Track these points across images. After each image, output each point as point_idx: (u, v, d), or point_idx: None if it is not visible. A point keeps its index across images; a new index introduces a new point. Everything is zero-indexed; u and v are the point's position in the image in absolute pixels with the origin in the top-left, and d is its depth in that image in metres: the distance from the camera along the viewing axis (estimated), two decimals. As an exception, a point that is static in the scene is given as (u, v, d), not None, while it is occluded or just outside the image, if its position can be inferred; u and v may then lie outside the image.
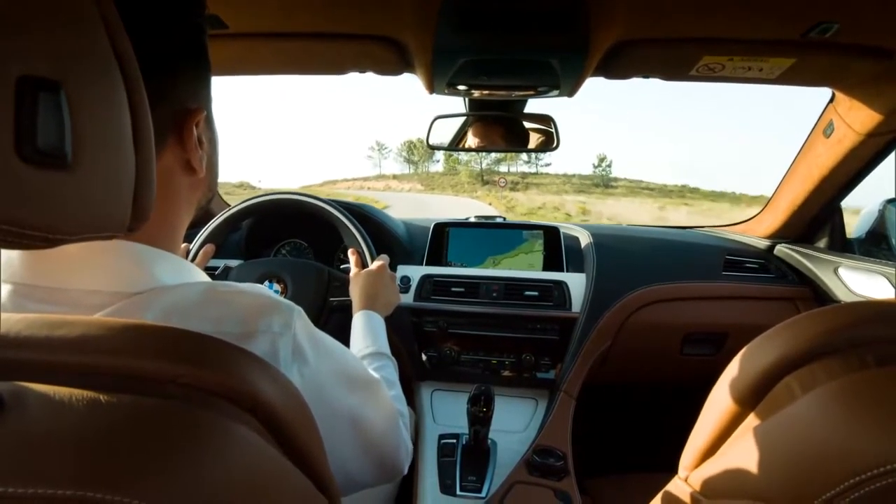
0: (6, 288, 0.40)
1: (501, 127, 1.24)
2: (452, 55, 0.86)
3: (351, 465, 0.54)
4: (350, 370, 0.54)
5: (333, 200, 1.11)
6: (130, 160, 0.30)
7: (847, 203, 1.28)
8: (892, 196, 1.20)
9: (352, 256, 1.01)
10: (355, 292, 0.92)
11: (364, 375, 0.57)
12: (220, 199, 1.53)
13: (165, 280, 0.42)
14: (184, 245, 1.02)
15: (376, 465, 0.58)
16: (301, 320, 0.47)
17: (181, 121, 0.44)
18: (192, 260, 0.99)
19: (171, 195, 0.46)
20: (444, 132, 1.25)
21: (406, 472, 0.66)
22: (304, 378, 0.45)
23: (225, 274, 1.06)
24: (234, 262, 1.11)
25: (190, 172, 0.47)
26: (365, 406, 0.55)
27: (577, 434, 1.09)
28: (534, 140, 1.23)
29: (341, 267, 1.11)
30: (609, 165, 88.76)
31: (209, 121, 0.49)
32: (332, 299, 1.03)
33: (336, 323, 0.82)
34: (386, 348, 0.81)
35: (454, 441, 1.05)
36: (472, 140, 1.26)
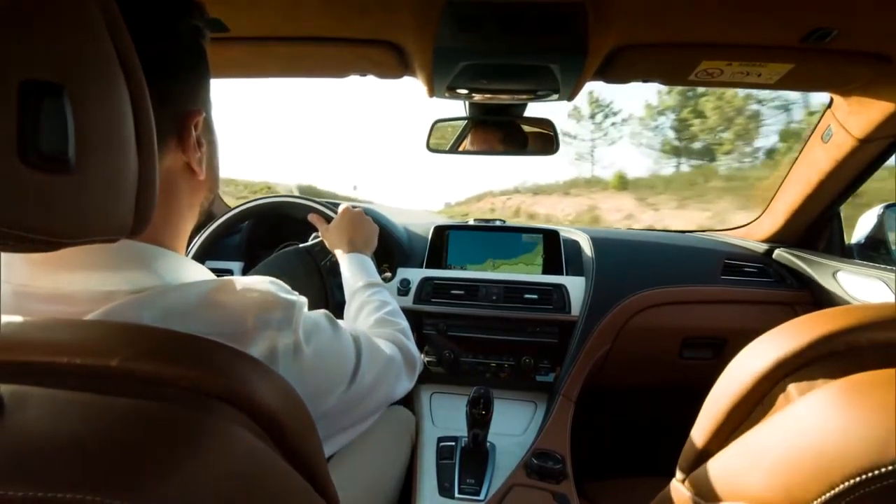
0: (8, 289, 0.40)
1: (502, 130, 1.24)
2: (452, 59, 0.87)
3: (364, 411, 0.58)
4: (351, 359, 0.55)
5: (329, 202, 1.11)
6: (133, 163, 0.30)
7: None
8: (891, 202, 1.20)
9: (313, 220, 1.02)
10: (332, 243, 0.94)
11: (365, 358, 0.58)
12: (220, 201, 1.54)
13: (168, 279, 0.42)
14: None
15: (385, 400, 0.63)
16: (303, 314, 0.47)
17: (181, 123, 0.45)
18: None
19: (173, 198, 0.46)
20: (444, 136, 1.25)
21: (413, 384, 0.71)
22: (304, 373, 0.46)
23: None
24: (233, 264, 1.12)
25: (191, 175, 0.47)
26: (368, 386, 0.57)
27: (576, 437, 1.09)
28: (534, 143, 1.23)
29: (310, 241, 1.11)
30: None
31: (208, 123, 0.49)
32: (321, 263, 1.04)
33: (338, 278, 0.84)
34: (376, 277, 0.84)
35: (453, 444, 1.04)
36: (472, 144, 1.26)
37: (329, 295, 1.03)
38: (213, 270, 1.13)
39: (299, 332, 0.46)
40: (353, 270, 0.85)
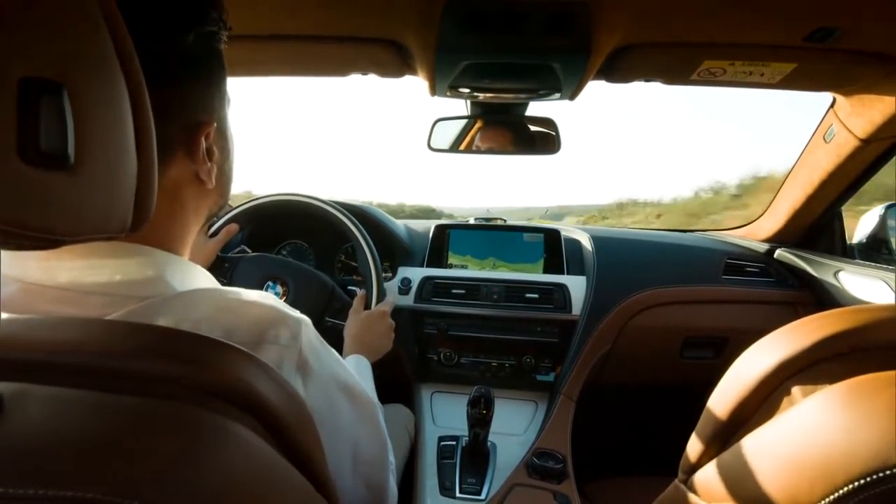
0: (16, 287, 0.40)
1: (503, 130, 1.24)
2: (454, 58, 0.86)
3: (339, 483, 0.52)
4: (350, 385, 0.54)
5: (337, 202, 1.11)
6: (132, 161, 0.30)
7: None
8: (893, 202, 1.20)
9: (359, 298, 1.02)
10: (349, 333, 0.93)
11: (364, 394, 0.57)
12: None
13: (175, 285, 0.42)
14: None
15: (362, 492, 0.57)
16: (307, 332, 0.46)
17: (190, 134, 0.44)
18: (214, 234, 1.00)
19: (179, 205, 0.46)
20: (446, 135, 1.25)
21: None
22: (307, 390, 0.45)
23: (238, 260, 1.06)
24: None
25: (199, 184, 0.46)
26: (361, 424, 0.55)
27: (577, 437, 1.09)
28: (536, 143, 1.23)
29: (347, 288, 1.11)
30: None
31: (222, 130, 0.48)
32: (327, 319, 1.03)
33: (327, 342, 0.84)
34: (374, 396, 0.81)
35: (454, 443, 1.04)
36: (473, 143, 1.26)
37: None
38: (222, 260, 1.11)
39: (305, 349, 0.45)
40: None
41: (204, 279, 0.47)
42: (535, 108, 1.18)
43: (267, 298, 0.46)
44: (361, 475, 0.56)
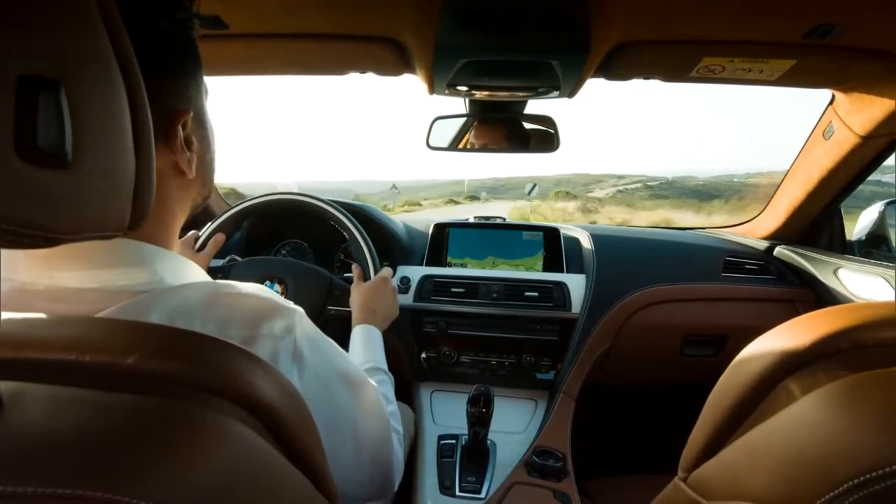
0: (10, 286, 0.40)
1: (502, 128, 1.24)
2: (453, 56, 0.86)
3: (344, 467, 0.53)
4: (347, 372, 0.55)
5: (334, 201, 1.11)
6: (130, 159, 0.30)
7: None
8: (892, 198, 1.20)
9: (355, 269, 1.02)
10: (355, 304, 0.93)
11: (360, 378, 0.57)
12: (219, 198, 1.53)
13: (168, 279, 0.42)
14: (192, 232, 1.03)
15: (368, 470, 0.57)
16: (302, 323, 0.47)
17: (167, 123, 0.43)
18: (202, 248, 0.99)
19: (163, 197, 0.45)
20: (444, 133, 1.25)
21: (396, 489, 0.65)
22: (303, 380, 0.45)
23: (230, 268, 1.06)
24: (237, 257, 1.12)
25: (180, 174, 0.46)
26: (360, 409, 0.56)
27: (577, 435, 1.09)
28: (534, 141, 1.23)
29: (345, 276, 1.11)
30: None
31: (200, 120, 0.48)
32: (330, 308, 1.03)
33: (332, 332, 0.84)
34: (383, 364, 0.81)
35: (453, 442, 1.04)
36: (472, 141, 1.26)
37: None
38: (216, 268, 1.12)
39: (300, 340, 0.46)
40: (365, 346, 0.83)
41: (196, 273, 0.47)
42: (534, 106, 1.18)
43: (260, 291, 0.46)
44: (366, 456, 0.56)
